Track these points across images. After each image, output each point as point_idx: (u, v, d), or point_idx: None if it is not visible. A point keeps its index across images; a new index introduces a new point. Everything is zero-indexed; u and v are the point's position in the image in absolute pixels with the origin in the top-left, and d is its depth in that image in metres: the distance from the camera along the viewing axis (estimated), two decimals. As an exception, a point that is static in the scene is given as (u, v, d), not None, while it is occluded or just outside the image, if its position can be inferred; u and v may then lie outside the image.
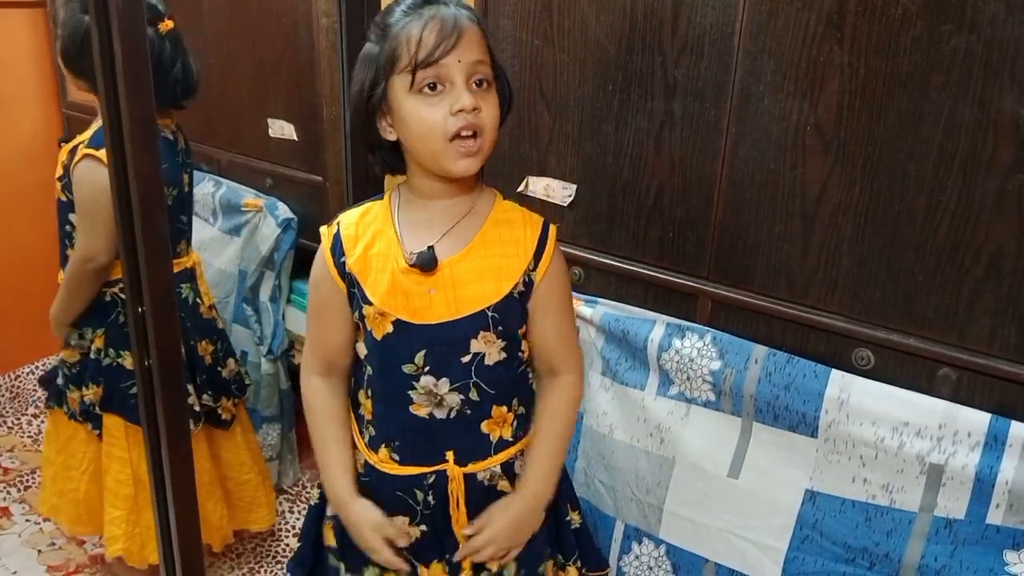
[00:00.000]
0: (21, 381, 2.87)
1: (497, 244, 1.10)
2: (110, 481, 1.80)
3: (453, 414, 1.11)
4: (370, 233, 1.12)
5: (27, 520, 2.21)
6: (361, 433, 1.19)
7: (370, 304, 1.09)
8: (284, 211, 2.13)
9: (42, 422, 2.66)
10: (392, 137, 1.08)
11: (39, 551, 2.12)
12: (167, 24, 1.67)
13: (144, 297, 1.34)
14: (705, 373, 1.37)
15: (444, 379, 1.09)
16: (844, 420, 1.24)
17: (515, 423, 1.16)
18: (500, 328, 1.09)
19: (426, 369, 1.09)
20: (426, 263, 1.07)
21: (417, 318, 1.08)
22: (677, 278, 1.44)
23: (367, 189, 1.92)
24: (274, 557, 2.11)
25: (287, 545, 2.15)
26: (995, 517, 1.14)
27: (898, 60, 1.13)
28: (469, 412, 1.11)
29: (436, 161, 1.05)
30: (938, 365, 1.20)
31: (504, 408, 1.14)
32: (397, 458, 1.14)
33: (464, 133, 1.02)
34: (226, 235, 2.26)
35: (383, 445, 1.15)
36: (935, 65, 1.11)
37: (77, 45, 1.61)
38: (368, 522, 1.15)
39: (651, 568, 1.47)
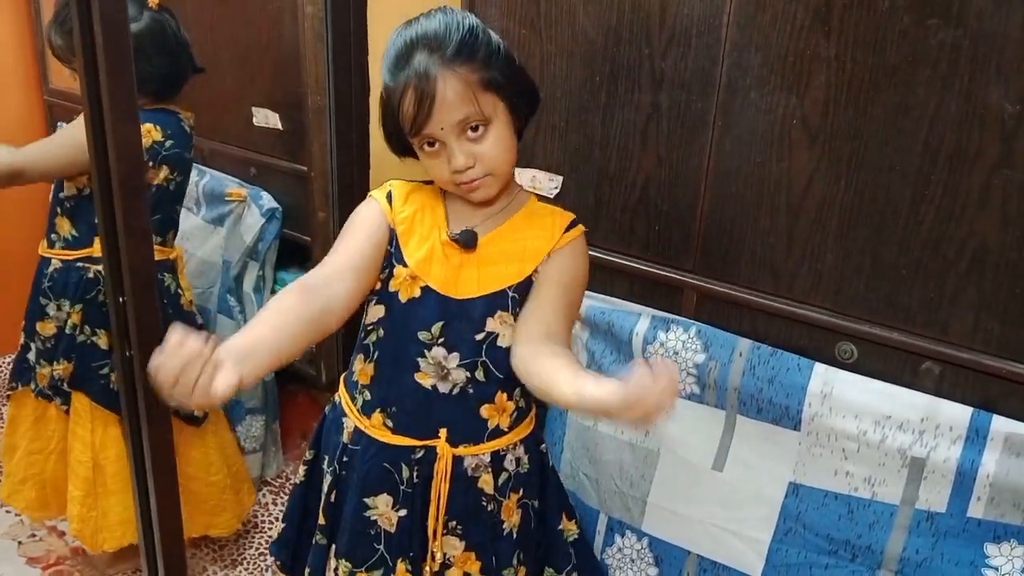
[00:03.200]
0: (2, 371, 2.85)
1: (526, 229, 1.14)
2: (72, 460, 1.80)
3: (456, 390, 1.13)
4: (419, 202, 1.16)
5: (7, 511, 2.18)
6: (353, 399, 1.19)
7: (404, 265, 1.12)
8: (268, 201, 2.12)
9: (21, 412, 2.63)
10: None
11: (19, 543, 2.10)
12: (153, 0, 1.69)
13: (125, 287, 1.33)
14: (690, 366, 1.37)
15: (455, 353, 1.11)
16: (827, 413, 1.24)
17: (514, 414, 1.17)
18: (518, 309, 1.12)
19: (440, 340, 1.11)
20: (468, 241, 1.11)
21: (444, 289, 1.11)
22: (663, 271, 1.44)
23: (352, 179, 1.91)
24: (256, 549, 2.10)
25: (269, 536, 2.14)
26: (976, 510, 1.14)
27: (885, 54, 1.13)
28: (471, 391, 1.13)
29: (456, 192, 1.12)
30: (921, 359, 1.20)
31: (506, 396, 1.15)
32: (391, 424, 1.15)
33: (467, 186, 1.08)
34: (209, 225, 2.24)
35: (378, 410, 1.16)
36: (921, 59, 1.11)
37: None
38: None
39: (633, 560, 1.47)
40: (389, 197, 1.16)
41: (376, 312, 1.15)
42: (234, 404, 2.16)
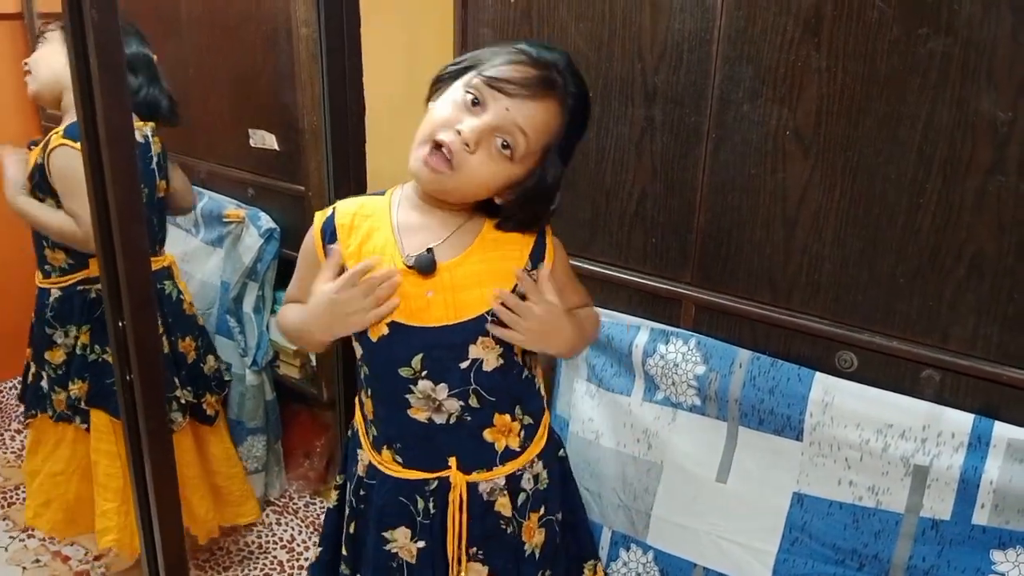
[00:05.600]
0: (3, 396, 2.85)
1: (495, 248, 1.10)
2: (100, 475, 1.81)
3: (453, 420, 1.10)
4: (366, 227, 1.11)
5: (11, 537, 2.18)
6: (367, 431, 1.18)
7: None
8: (266, 221, 2.12)
9: (25, 437, 2.63)
10: (430, 107, 1.08)
11: (23, 568, 2.09)
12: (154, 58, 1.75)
13: (124, 310, 1.33)
14: (690, 378, 1.37)
15: (442, 384, 1.08)
16: (829, 423, 1.24)
17: (522, 433, 1.15)
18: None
19: (423, 373, 1.08)
20: (425, 266, 1.06)
21: (414, 320, 1.07)
22: (660, 283, 1.44)
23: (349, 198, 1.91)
24: (262, 569, 2.09)
25: (275, 557, 2.14)
26: (980, 517, 1.14)
27: (875, 64, 1.14)
28: (469, 419, 1.10)
29: (413, 155, 1.04)
30: (921, 366, 1.20)
31: (507, 417, 1.13)
32: (400, 460, 1.13)
33: (444, 151, 1.00)
34: (208, 246, 2.24)
35: (385, 446, 1.14)
36: (912, 68, 1.11)
37: None
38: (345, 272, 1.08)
39: (640, 574, 1.47)
40: (329, 229, 1.12)
41: (357, 350, 1.13)
42: (236, 424, 2.16)
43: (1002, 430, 1.12)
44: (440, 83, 1.08)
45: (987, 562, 1.14)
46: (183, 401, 1.83)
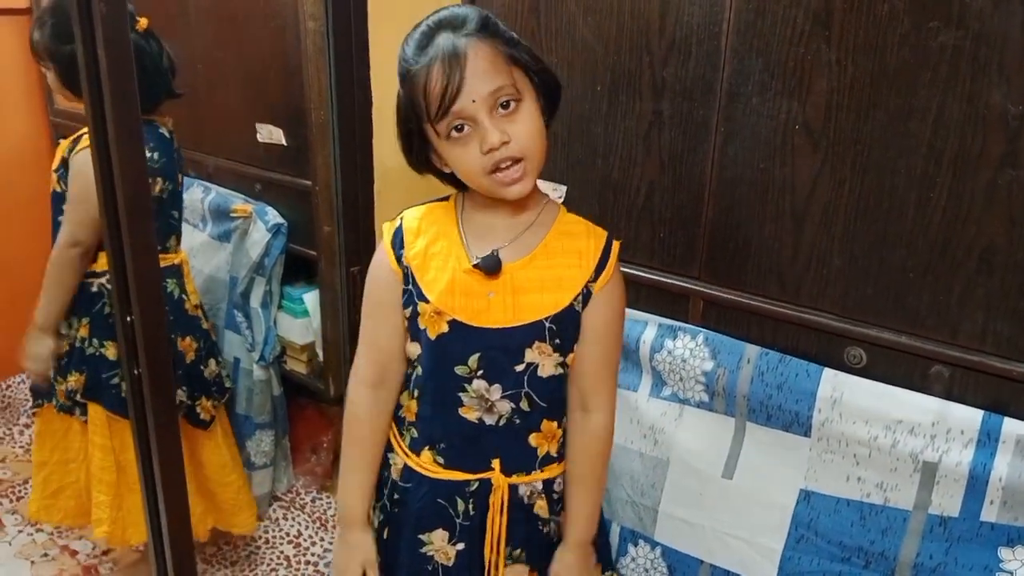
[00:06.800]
0: (12, 391, 2.86)
1: (560, 255, 1.09)
2: (95, 468, 1.82)
3: (502, 422, 1.10)
4: (433, 231, 1.11)
5: (19, 531, 2.19)
6: (401, 435, 1.17)
7: (426, 301, 1.08)
8: (274, 216, 2.12)
9: (33, 432, 2.64)
10: (448, 170, 1.07)
11: (32, 562, 2.10)
12: (142, 23, 1.70)
13: (132, 305, 1.33)
14: (698, 374, 1.36)
15: (496, 385, 1.08)
16: (837, 419, 1.23)
17: (562, 439, 1.15)
18: (556, 341, 1.08)
19: (479, 373, 1.08)
20: (491, 266, 1.06)
21: (474, 320, 1.07)
22: (668, 278, 1.43)
23: (356, 193, 1.92)
24: (268, 565, 2.10)
25: (281, 552, 2.14)
26: (989, 514, 1.13)
27: (886, 57, 1.13)
28: (518, 422, 1.10)
29: (488, 192, 1.04)
30: (930, 362, 1.20)
31: (554, 423, 1.13)
32: (442, 461, 1.13)
33: (503, 165, 1.00)
34: (216, 241, 2.24)
35: (427, 448, 1.13)
36: (923, 62, 1.11)
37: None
38: (362, 552, 1.19)
39: (647, 570, 1.47)
40: (398, 238, 1.11)
41: (412, 349, 1.13)
42: (244, 420, 2.17)
43: (1011, 426, 1.11)
44: (420, 153, 1.07)
45: (995, 559, 1.14)
46: (176, 401, 1.83)
